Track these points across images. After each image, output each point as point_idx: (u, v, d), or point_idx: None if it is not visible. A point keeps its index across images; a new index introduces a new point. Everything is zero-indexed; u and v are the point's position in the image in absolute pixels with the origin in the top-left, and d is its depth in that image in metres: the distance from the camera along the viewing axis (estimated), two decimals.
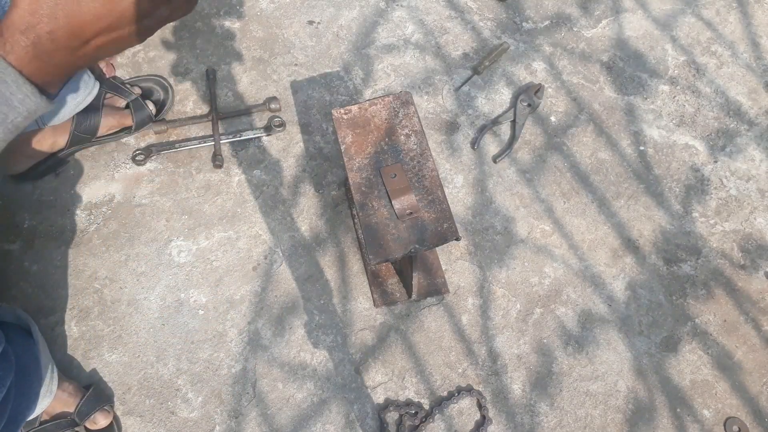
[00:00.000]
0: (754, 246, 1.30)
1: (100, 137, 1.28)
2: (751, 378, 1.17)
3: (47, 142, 1.22)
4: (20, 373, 0.90)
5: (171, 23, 1.09)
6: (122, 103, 1.29)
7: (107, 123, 1.26)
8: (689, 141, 1.41)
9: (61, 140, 1.24)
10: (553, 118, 1.42)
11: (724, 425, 1.12)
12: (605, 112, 1.43)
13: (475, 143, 1.36)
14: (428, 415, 1.09)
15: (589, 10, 1.58)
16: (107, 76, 1.30)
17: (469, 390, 1.12)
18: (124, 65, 1.42)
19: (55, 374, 1.01)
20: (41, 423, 1.03)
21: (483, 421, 1.09)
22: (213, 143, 1.32)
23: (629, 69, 1.49)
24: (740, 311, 1.23)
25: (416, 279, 1.08)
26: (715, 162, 1.39)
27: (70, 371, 1.12)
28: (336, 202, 1.29)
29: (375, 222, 0.96)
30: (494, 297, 1.21)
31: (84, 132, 1.25)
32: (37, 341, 1.00)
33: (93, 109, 1.23)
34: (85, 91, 1.19)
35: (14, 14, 0.53)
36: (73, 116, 1.21)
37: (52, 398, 1.01)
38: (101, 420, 1.06)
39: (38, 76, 0.55)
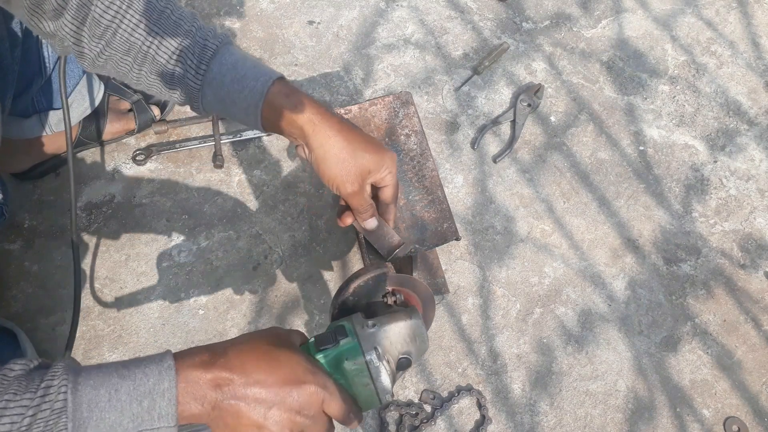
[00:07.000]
0: (753, 246, 1.30)
1: (102, 141, 1.29)
2: (751, 377, 1.17)
3: (51, 145, 1.22)
4: None
5: None
6: (126, 106, 1.29)
7: (112, 128, 1.27)
8: (689, 141, 1.41)
9: (66, 144, 1.24)
10: (553, 118, 1.42)
11: (724, 425, 1.12)
12: (605, 111, 1.44)
13: (475, 143, 1.36)
14: (428, 416, 1.09)
15: (589, 9, 1.58)
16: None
17: (469, 389, 1.12)
18: None
19: None
20: None
21: (483, 420, 1.10)
22: (213, 143, 1.32)
23: (629, 69, 1.49)
24: (740, 311, 1.23)
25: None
26: (715, 162, 1.39)
27: None
28: (336, 202, 1.29)
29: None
30: (494, 297, 1.21)
31: (89, 138, 1.26)
32: (25, 351, 1.00)
33: (99, 114, 1.24)
34: (92, 96, 1.19)
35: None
36: (80, 121, 1.22)
37: None
38: None
39: (182, 409, 0.60)
